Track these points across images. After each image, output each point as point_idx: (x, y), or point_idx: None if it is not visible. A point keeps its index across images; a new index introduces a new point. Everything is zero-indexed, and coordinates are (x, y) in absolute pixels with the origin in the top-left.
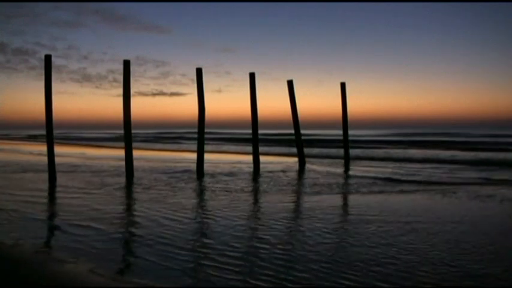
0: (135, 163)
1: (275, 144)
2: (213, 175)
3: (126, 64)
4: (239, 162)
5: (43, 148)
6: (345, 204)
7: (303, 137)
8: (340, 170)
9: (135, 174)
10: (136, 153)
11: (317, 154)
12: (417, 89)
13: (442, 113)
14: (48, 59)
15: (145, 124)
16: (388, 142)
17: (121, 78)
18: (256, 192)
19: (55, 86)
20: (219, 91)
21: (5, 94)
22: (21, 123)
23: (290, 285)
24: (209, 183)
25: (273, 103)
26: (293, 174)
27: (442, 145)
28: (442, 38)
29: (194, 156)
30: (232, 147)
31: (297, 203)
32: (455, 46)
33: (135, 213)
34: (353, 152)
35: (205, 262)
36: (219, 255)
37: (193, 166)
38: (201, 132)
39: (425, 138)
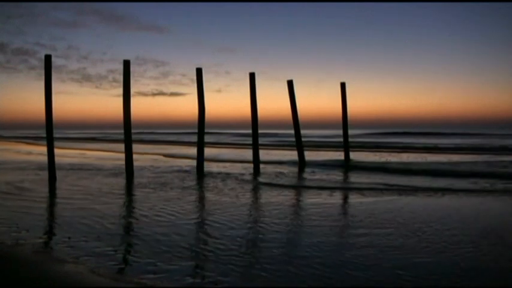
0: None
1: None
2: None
3: (126, 64)
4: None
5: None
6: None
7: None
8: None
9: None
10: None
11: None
12: (417, 88)
13: (442, 113)
14: (48, 59)
15: (146, 124)
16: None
17: (121, 78)
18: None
19: (55, 86)
20: (219, 91)
21: (5, 94)
22: (21, 123)
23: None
24: (209, 182)
25: (273, 103)
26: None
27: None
28: (442, 37)
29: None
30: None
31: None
32: (456, 45)
33: (136, 212)
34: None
35: (206, 261)
36: (220, 254)
37: (187, 165)
38: (201, 133)
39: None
